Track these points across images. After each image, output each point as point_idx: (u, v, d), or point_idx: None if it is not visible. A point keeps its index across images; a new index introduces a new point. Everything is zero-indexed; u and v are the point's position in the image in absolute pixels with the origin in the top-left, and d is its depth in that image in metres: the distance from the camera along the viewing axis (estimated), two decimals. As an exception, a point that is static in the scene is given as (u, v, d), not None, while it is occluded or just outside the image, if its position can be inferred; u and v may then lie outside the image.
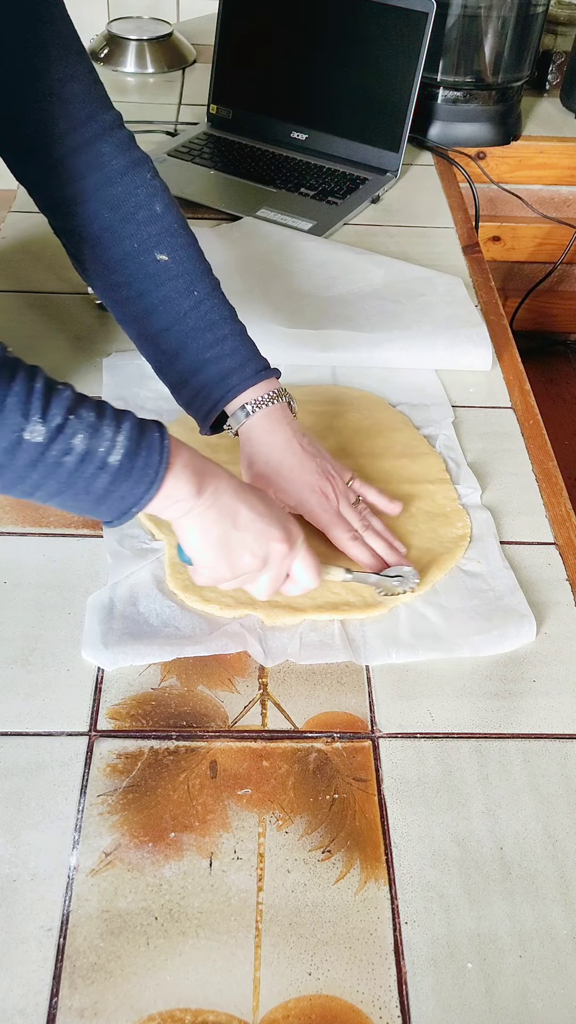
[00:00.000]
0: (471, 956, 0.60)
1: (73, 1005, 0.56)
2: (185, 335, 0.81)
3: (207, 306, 0.82)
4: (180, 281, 0.81)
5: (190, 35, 1.87)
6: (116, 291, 0.84)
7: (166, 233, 0.82)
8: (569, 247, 1.78)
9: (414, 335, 1.09)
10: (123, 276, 0.82)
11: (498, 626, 0.78)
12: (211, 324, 0.81)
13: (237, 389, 0.81)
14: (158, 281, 0.81)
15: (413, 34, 1.36)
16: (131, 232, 0.81)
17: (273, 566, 0.73)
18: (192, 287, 0.81)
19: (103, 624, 0.77)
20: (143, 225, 0.81)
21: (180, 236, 0.83)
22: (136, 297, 0.82)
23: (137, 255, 0.81)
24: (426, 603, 0.80)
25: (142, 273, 0.82)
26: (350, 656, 0.76)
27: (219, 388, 0.81)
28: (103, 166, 0.80)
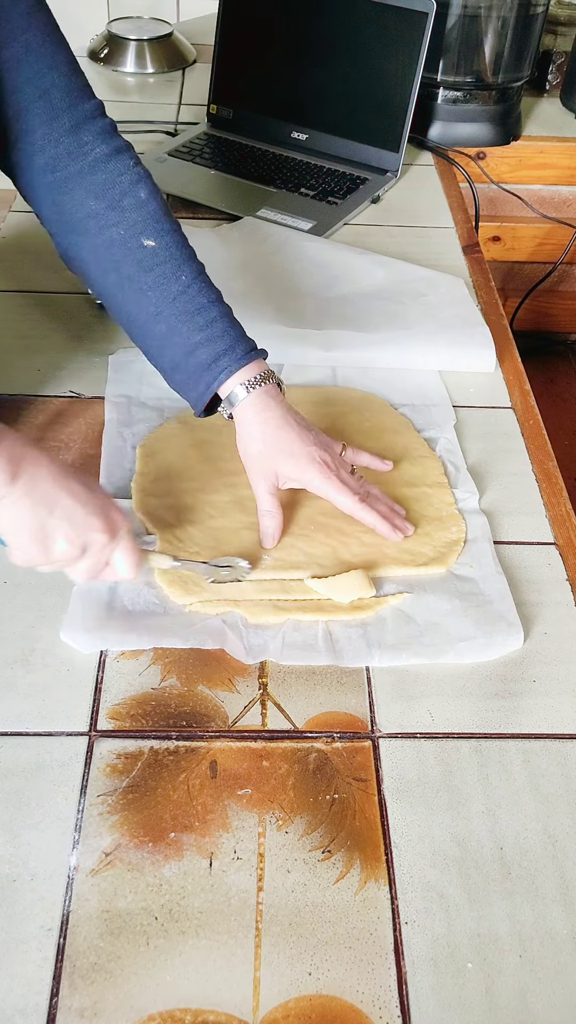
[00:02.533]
0: (471, 956, 0.60)
1: (73, 1005, 0.56)
2: (175, 319, 0.82)
3: (195, 289, 0.83)
4: (168, 266, 0.83)
5: (190, 35, 1.87)
6: (104, 277, 0.85)
7: (152, 219, 0.83)
8: (569, 247, 1.78)
9: (416, 336, 1.09)
10: (111, 263, 0.83)
11: (485, 633, 0.78)
12: (200, 307, 0.82)
13: (230, 369, 0.82)
14: (146, 266, 0.82)
15: (413, 34, 1.36)
16: (117, 219, 0.82)
17: (91, 555, 0.72)
18: (179, 271, 0.83)
19: (86, 609, 0.77)
20: (129, 211, 0.82)
21: (165, 222, 0.84)
22: (125, 282, 0.83)
23: (125, 240, 0.82)
24: (414, 606, 0.80)
25: (130, 259, 0.83)
26: (332, 659, 0.76)
27: (211, 370, 0.82)
28: (86, 154, 0.82)
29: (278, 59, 1.50)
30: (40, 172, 0.82)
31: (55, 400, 1.00)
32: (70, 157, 0.81)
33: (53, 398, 1.01)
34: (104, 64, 1.78)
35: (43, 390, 1.02)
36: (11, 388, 1.01)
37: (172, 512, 0.87)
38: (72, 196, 0.82)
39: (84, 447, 0.94)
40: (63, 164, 0.81)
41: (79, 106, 0.81)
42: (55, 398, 1.01)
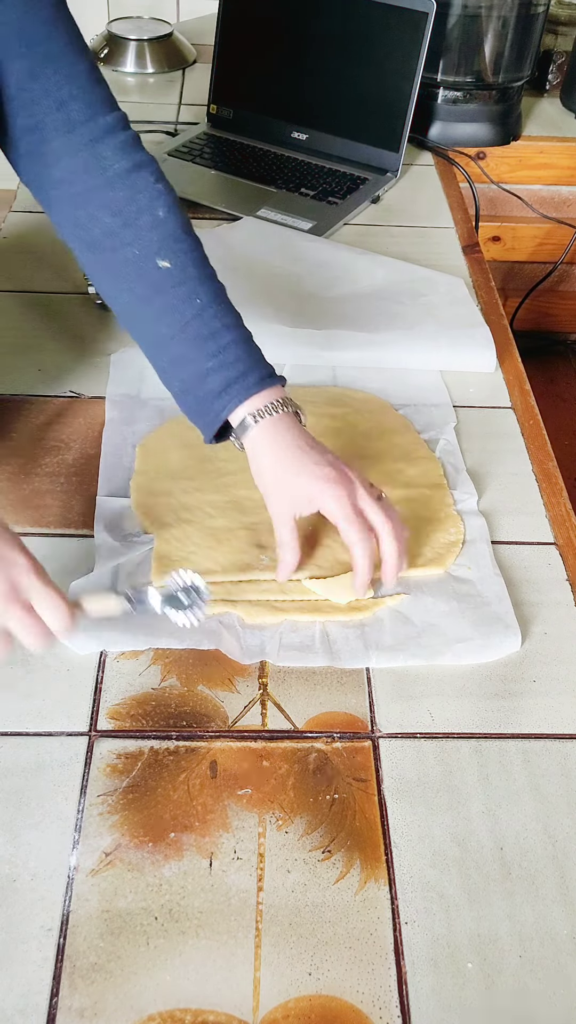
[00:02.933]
0: (471, 956, 0.60)
1: (73, 1005, 0.56)
2: (187, 343, 0.80)
3: (210, 313, 0.80)
4: (183, 288, 0.80)
5: (190, 35, 1.87)
6: (119, 296, 0.83)
7: (169, 238, 0.80)
8: (569, 247, 1.78)
9: (416, 336, 1.09)
10: (125, 283, 0.81)
11: (482, 634, 0.78)
12: (214, 332, 0.80)
13: (239, 398, 0.79)
14: (160, 288, 0.80)
15: (413, 34, 1.36)
16: (133, 237, 0.80)
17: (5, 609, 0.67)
18: (195, 294, 0.80)
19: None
20: (145, 231, 0.80)
21: (183, 241, 0.81)
22: (139, 303, 0.82)
23: (139, 261, 0.80)
24: (412, 607, 0.80)
25: (145, 280, 0.80)
26: (328, 660, 0.76)
27: (221, 398, 0.80)
28: (104, 169, 0.79)
29: (278, 59, 1.50)
30: (57, 185, 0.80)
31: (55, 400, 1.00)
32: (87, 172, 0.79)
33: (53, 398, 1.01)
34: (104, 64, 1.78)
35: (43, 390, 1.02)
36: (11, 388, 1.01)
37: (171, 511, 0.87)
38: (88, 211, 0.80)
39: (84, 447, 0.94)
40: (80, 178, 0.79)
41: (99, 119, 0.79)
42: (55, 398, 1.01)
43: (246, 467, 0.92)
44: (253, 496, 0.89)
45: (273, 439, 0.79)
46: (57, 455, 0.93)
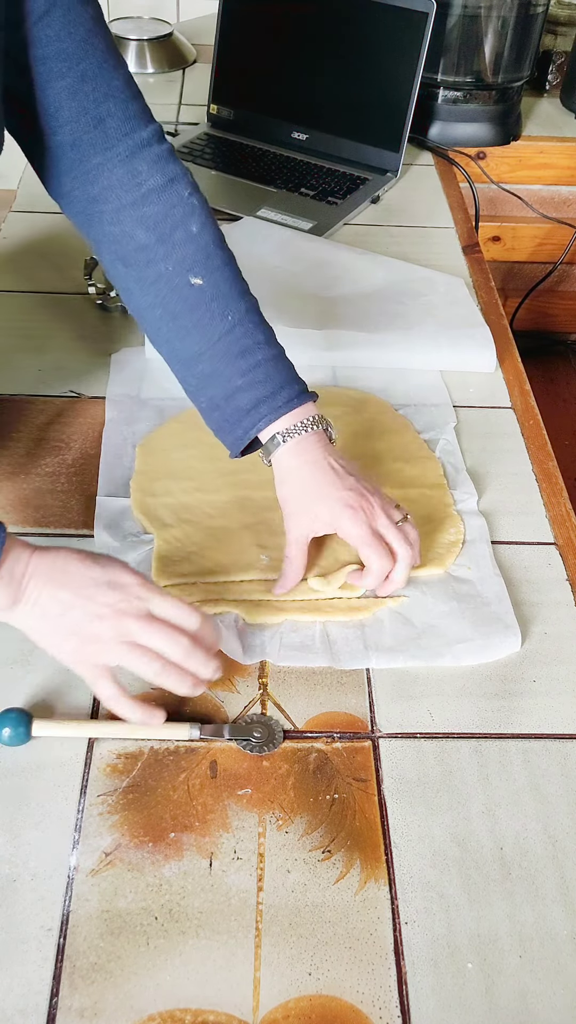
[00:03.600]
0: (471, 956, 0.60)
1: (73, 1005, 0.56)
2: (217, 361, 0.80)
3: (241, 331, 0.80)
4: (215, 304, 0.79)
5: (190, 35, 1.87)
6: (150, 312, 0.82)
7: (201, 254, 0.80)
8: (569, 247, 1.78)
9: (417, 336, 1.09)
10: (157, 298, 0.81)
11: (482, 635, 0.78)
12: (244, 350, 0.79)
13: (269, 418, 0.79)
14: (192, 305, 0.80)
15: (413, 34, 1.36)
16: (166, 253, 0.79)
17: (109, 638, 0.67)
18: (227, 311, 0.80)
19: None
20: (178, 246, 0.79)
21: (216, 258, 0.81)
22: (169, 319, 0.81)
23: (171, 277, 0.80)
24: (412, 608, 0.80)
25: (176, 296, 0.80)
26: (329, 661, 0.76)
27: (250, 417, 0.79)
28: (139, 185, 0.79)
29: (278, 59, 1.50)
30: (93, 202, 0.80)
31: (55, 400, 1.00)
32: (123, 188, 0.79)
33: (53, 398, 1.01)
34: (104, 64, 1.78)
35: (43, 390, 1.02)
36: (11, 388, 1.01)
37: (171, 511, 0.87)
38: (123, 227, 0.80)
39: (84, 447, 0.94)
40: (116, 194, 0.79)
41: (135, 134, 0.78)
42: (55, 398, 1.01)
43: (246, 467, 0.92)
44: (253, 496, 0.89)
45: (300, 460, 0.79)
46: (57, 455, 0.93)
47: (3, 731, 0.68)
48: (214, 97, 1.56)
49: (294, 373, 0.81)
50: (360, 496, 0.78)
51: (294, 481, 0.80)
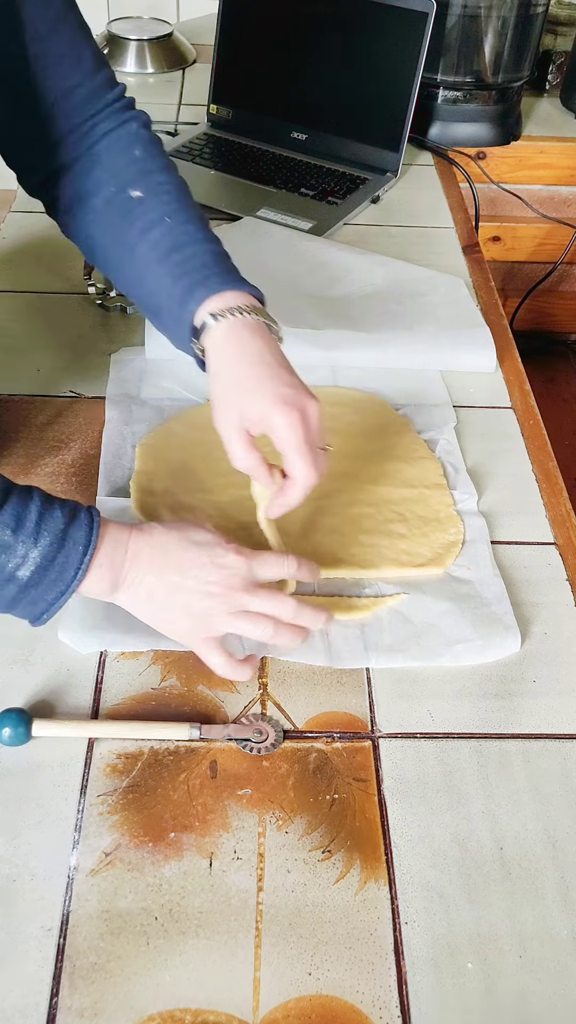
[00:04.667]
0: (471, 956, 0.60)
1: (73, 1005, 0.56)
2: (158, 263, 0.79)
3: (181, 230, 0.79)
4: (154, 213, 0.80)
5: (190, 35, 1.87)
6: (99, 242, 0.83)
7: (142, 173, 0.82)
8: (569, 247, 1.78)
9: (417, 336, 1.09)
10: (106, 224, 0.82)
11: (482, 635, 0.78)
12: (180, 245, 0.78)
13: (201, 298, 0.75)
14: (133, 217, 0.80)
15: (413, 34, 1.36)
16: (109, 178, 0.81)
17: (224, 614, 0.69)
18: (166, 215, 0.80)
19: (84, 607, 0.77)
20: (121, 169, 0.81)
21: (158, 174, 0.82)
22: (115, 242, 0.82)
23: (114, 196, 0.81)
24: (411, 607, 0.80)
25: (119, 212, 0.81)
26: (327, 659, 0.76)
27: (187, 304, 0.76)
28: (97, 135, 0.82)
29: (278, 59, 1.50)
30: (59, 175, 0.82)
31: (55, 400, 1.00)
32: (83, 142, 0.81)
33: (53, 398, 1.01)
34: (104, 64, 1.78)
35: (43, 390, 1.02)
36: (11, 388, 1.01)
37: (171, 512, 0.87)
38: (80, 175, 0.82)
39: (84, 447, 0.94)
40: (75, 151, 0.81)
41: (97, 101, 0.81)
42: (55, 398, 1.01)
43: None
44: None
45: (237, 344, 0.73)
46: (57, 455, 0.93)
47: (3, 731, 0.68)
48: (214, 97, 1.56)
49: (235, 269, 0.79)
50: (301, 397, 0.71)
51: (226, 366, 0.73)
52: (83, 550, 0.66)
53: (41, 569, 0.65)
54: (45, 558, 0.65)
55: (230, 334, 0.73)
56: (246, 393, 0.71)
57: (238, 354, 0.72)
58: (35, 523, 0.65)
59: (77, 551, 0.66)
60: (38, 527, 0.65)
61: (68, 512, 0.66)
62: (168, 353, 1.05)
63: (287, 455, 0.72)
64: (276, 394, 0.71)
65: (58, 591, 0.66)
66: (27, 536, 0.64)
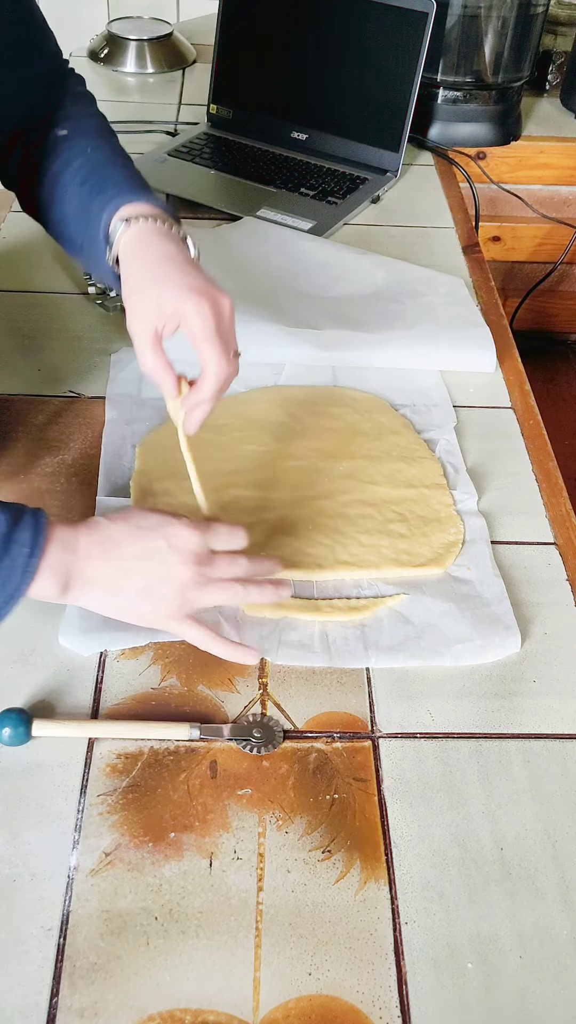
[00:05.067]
0: (471, 956, 0.60)
1: (73, 1005, 0.56)
2: (78, 187, 0.81)
3: (98, 158, 0.82)
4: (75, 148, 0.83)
5: (190, 35, 1.87)
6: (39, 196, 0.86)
7: (69, 117, 0.86)
8: (569, 247, 1.78)
9: (416, 336, 1.09)
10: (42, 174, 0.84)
11: (482, 635, 0.78)
12: (99, 167, 0.81)
13: (113, 209, 0.76)
14: (56, 153, 0.84)
15: (413, 34, 1.36)
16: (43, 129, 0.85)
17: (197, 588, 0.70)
18: (86, 146, 0.83)
19: (82, 610, 0.77)
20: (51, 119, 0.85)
21: (84, 118, 0.86)
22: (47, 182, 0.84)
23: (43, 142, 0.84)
24: (411, 608, 0.80)
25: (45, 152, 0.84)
26: (327, 660, 0.76)
27: (101, 215, 0.77)
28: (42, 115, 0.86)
29: (278, 59, 1.50)
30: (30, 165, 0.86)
31: (55, 400, 1.00)
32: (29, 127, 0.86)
33: (53, 398, 1.01)
34: (104, 64, 1.78)
35: (43, 390, 1.02)
36: (11, 388, 1.01)
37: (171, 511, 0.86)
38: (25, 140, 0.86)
39: (84, 447, 0.94)
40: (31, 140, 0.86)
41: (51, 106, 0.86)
42: (55, 398, 1.01)
43: (245, 467, 0.92)
44: (253, 496, 0.89)
45: (147, 246, 0.74)
46: (57, 455, 0.93)
47: (3, 731, 0.68)
48: (214, 97, 1.56)
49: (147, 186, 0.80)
50: (213, 289, 0.72)
51: (134, 272, 0.74)
52: (28, 551, 0.65)
53: None
54: None
55: (140, 236, 0.74)
56: (157, 285, 0.72)
57: (148, 254, 0.73)
58: None
59: (22, 553, 0.64)
60: None
61: (11, 515, 0.65)
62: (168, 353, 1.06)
63: (198, 346, 0.72)
64: (188, 285, 0.71)
65: (6, 595, 0.65)
66: None
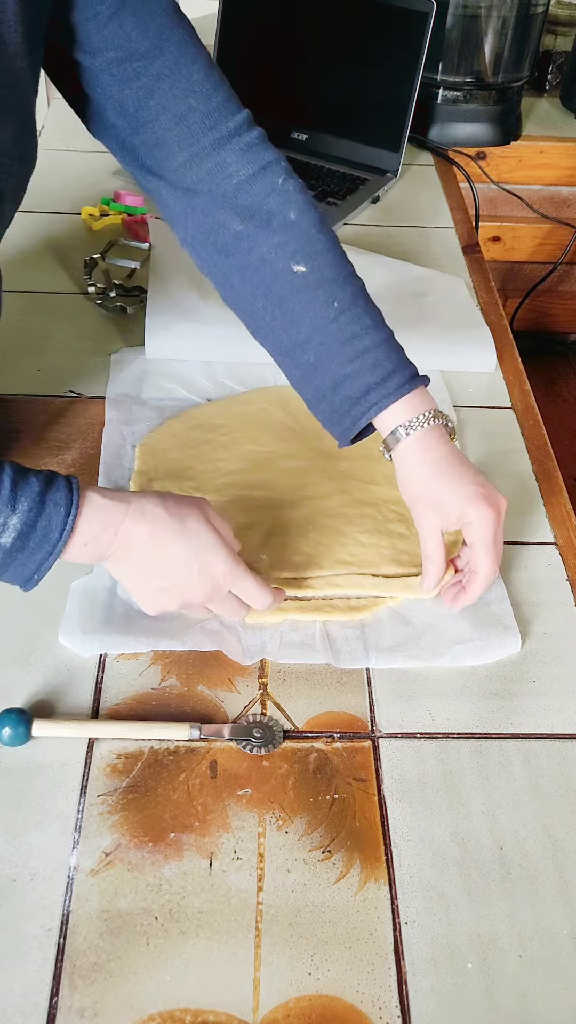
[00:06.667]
0: (471, 956, 0.60)
1: (73, 1005, 0.56)
2: (324, 349, 0.77)
3: (348, 317, 0.77)
4: (319, 291, 0.77)
5: (190, 35, 1.87)
6: (252, 303, 0.80)
7: (303, 240, 0.78)
8: (569, 247, 1.78)
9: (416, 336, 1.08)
10: (260, 287, 0.79)
11: (482, 636, 0.78)
12: (352, 336, 0.77)
13: (379, 405, 0.77)
14: (295, 292, 0.78)
15: (413, 34, 1.36)
16: (265, 241, 0.78)
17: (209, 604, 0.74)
18: (332, 297, 0.78)
19: (83, 610, 0.77)
20: (278, 233, 0.78)
21: (318, 243, 0.79)
22: (274, 308, 0.79)
23: (274, 263, 0.78)
24: (411, 608, 0.80)
25: (279, 284, 0.78)
26: (328, 659, 0.76)
27: (360, 405, 0.77)
28: (230, 176, 0.77)
29: (278, 59, 1.50)
30: (182, 197, 0.78)
31: (55, 400, 1.00)
32: (214, 181, 0.77)
33: (53, 398, 1.01)
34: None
35: (43, 390, 1.02)
36: (11, 388, 1.01)
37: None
38: (217, 220, 0.78)
39: (84, 447, 0.94)
40: (206, 188, 0.77)
41: (220, 126, 0.77)
42: (55, 398, 1.01)
43: (245, 467, 0.92)
44: (253, 496, 0.89)
45: (425, 450, 0.77)
46: (57, 455, 0.93)
47: (3, 731, 0.68)
48: (214, 97, 1.56)
49: (404, 357, 0.79)
50: (490, 493, 0.77)
51: (420, 473, 0.77)
52: (64, 511, 0.66)
53: (23, 535, 0.65)
54: (26, 523, 0.65)
55: (419, 444, 0.77)
56: (444, 495, 0.76)
57: (431, 459, 0.77)
58: (10, 491, 0.65)
59: (59, 513, 0.66)
60: (13, 494, 0.65)
61: (44, 478, 0.67)
62: (168, 353, 1.06)
63: (476, 549, 0.76)
64: (472, 493, 0.76)
65: (44, 553, 0.66)
66: (3, 504, 0.65)
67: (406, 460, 0.78)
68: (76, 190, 1.37)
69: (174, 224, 0.82)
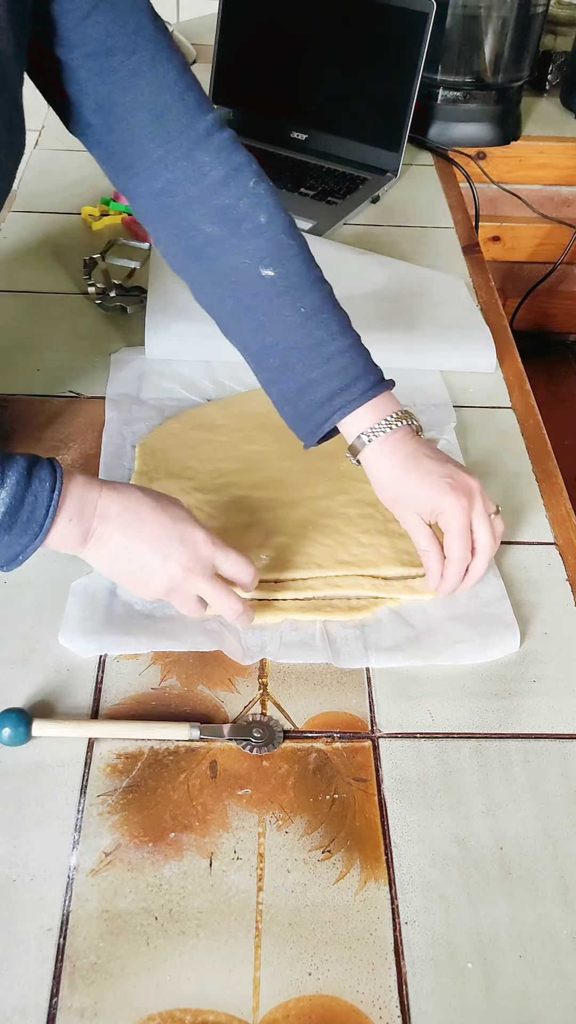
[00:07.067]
0: (471, 956, 0.60)
1: (73, 1005, 0.56)
2: (290, 353, 0.79)
3: (315, 322, 0.78)
4: (287, 296, 0.78)
5: (190, 35, 1.87)
6: (221, 305, 0.82)
7: (272, 245, 0.79)
8: (569, 247, 1.78)
9: (416, 336, 1.09)
10: (228, 290, 0.80)
11: (481, 635, 0.78)
12: (318, 341, 0.78)
13: (344, 411, 0.78)
14: (265, 297, 0.79)
15: (413, 34, 1.36)
16: (236, 246, 0.78)
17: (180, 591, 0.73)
18: (299, 302, 0.78)
19: (83, 611, 0.77)
20: (247, 238, 0.78)
21: (287, 248, 0.79)
22: (241, 312, 0.80)
23: (243, 270, 0.79)
24: (411, 608, 0.80)
25: (248, 289, 0.79)
26: (328, 658, 0.76)
27: (324, 410, 0.79)
28: (203, 176, 0.78)
29: (278, 59, 1.50)
30: (156, 197, 0.79)
31: (55, 400, 1.00)
32: (188, 181, 0.78)
33: (53, 398, 1.01)
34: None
35: (43, 390, 1.02)
36: (11, 388, 1.01)
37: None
38: (189, 221, 0.79)
39: (84, 447, 0.94)
40: (180, 189, 0.78)
41: (195, 125, 0.77)
42: (55, 398, 1.01)
43: (245, 467, 0.92)
44: (253, 496, 0.89)
45: (391, 452, 0.78)
46: (57, 455, 0.93)
47: (3, 731, 0.68)
48: (214, 97, 1.56)
49: (370, 362, 0.80)
50: (461, 481, 0.77)
51: (390, 475, 0.79)
52: (50, 487, 0.67)
53: (12, 510, 0.66)
54: (14, 498, 0.66)
55: (384, 447, 0.79)
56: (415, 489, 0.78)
57: (397, 459, 0.78)
58: None
59: (44, 488, 0.67)
60: (2, 469, 0.66)
61: (28, 458, 0.68)
62: (168, 353, 1.06)
63: (449, 536, 0.78)
64: (440, 485, 0.77)
65: (32, 532, 0.67)
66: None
67: (374, 464, 0.80)
68: (76, 190, 1.37)
69: (147, 224, 0.83)
